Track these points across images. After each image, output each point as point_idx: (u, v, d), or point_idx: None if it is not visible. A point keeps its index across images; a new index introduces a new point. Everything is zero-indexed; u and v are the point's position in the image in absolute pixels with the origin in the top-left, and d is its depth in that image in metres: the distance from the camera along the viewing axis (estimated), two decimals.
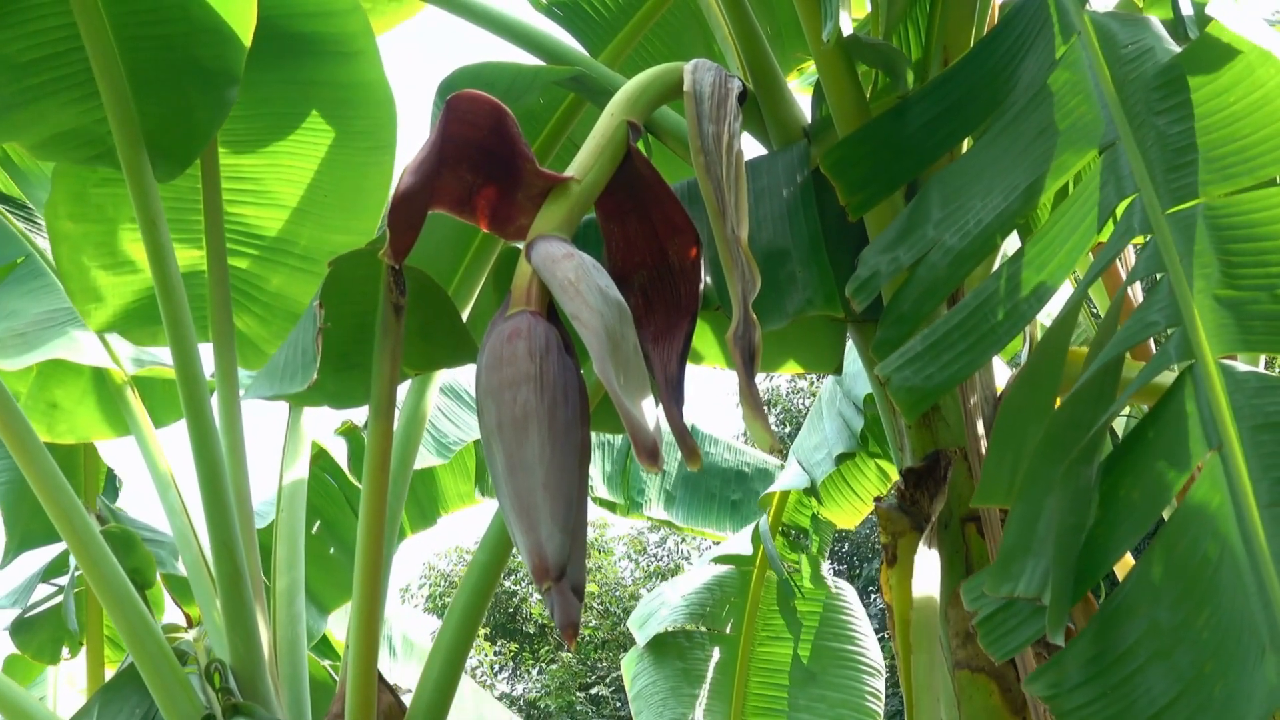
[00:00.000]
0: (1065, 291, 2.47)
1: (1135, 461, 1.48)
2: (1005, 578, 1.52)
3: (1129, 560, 2.44)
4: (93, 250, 3.55)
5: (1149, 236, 1.64)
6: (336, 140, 3.49)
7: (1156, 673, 1.34)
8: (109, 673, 4.76)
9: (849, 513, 4.89)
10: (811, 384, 17.82)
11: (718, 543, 5.55)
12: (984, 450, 2.30)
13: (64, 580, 4.64)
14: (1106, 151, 1.78)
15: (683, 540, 20.19)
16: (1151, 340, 2.19)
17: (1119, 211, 1.71)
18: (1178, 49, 1.88)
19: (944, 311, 2.28)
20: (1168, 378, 1.53)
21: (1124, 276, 3.13)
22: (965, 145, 2.35)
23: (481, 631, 18.38)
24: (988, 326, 1.76)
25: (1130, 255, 2.88)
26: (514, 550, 2.86)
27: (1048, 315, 2.54)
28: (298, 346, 2.25)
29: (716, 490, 5.23)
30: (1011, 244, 2.72)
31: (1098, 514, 1.45)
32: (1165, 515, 1.51)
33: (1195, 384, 1.46)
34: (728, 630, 5.12)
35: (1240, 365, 1.48)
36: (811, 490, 4.55)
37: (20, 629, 4.59)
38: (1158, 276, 1.61)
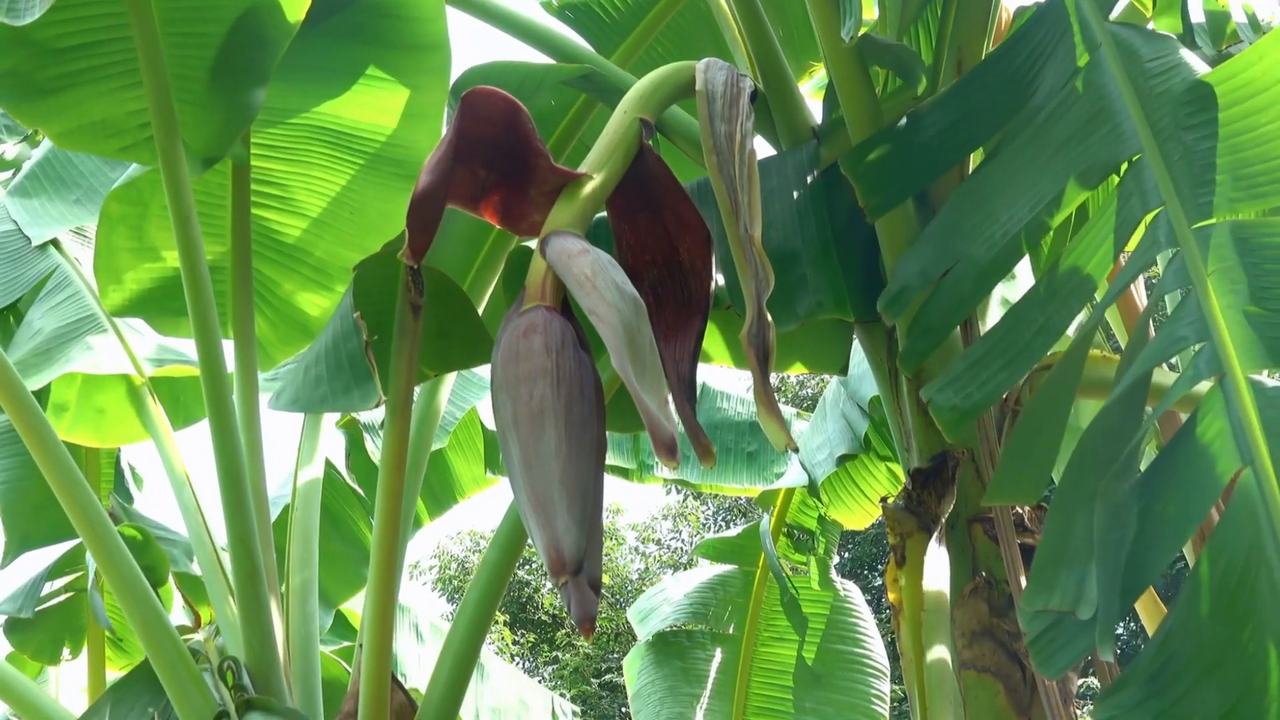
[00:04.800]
0: None
1: (1170, 477, 1.48)
2: (1040, 590, 1.52)
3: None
4: (125, 232, 3.58)
5: (1175, 251, 1.65)
6: (371, 162, 3.51)
7: (1209, 688, 1.35)
8: (110, 673, 4.77)
9: (858, 515, 4.88)
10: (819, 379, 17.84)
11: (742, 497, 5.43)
12: (991, 451, 2.31)
13: (66, 580, 4.65)
14: (1131, 165, 1.79)
15: (696, 533, 20.19)
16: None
17: (1143, 225, 1.72)
18: (1207, 67, 1.88)
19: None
20: (1196, 393, 1.54)
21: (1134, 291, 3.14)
22: (978, 152, 2.37)
23: (502, 619, 18.42)
24: (1023, 343, 1.78)
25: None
26: (528, 541, 2.87)
27: None
28: (340, 359, 2.25)
29: (731, 444, 5.06)
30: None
31: (1135, 529, 1.46)
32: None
33: (1226, 400, 1.47)
34: (729, 630, 5.12)
35: (1269, 381, 1.49)
36: (812, 490, 4.55)
37: (15, 628, 4.59)
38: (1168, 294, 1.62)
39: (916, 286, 2.04)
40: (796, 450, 1.78)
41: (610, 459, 5.04)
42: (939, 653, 2.25)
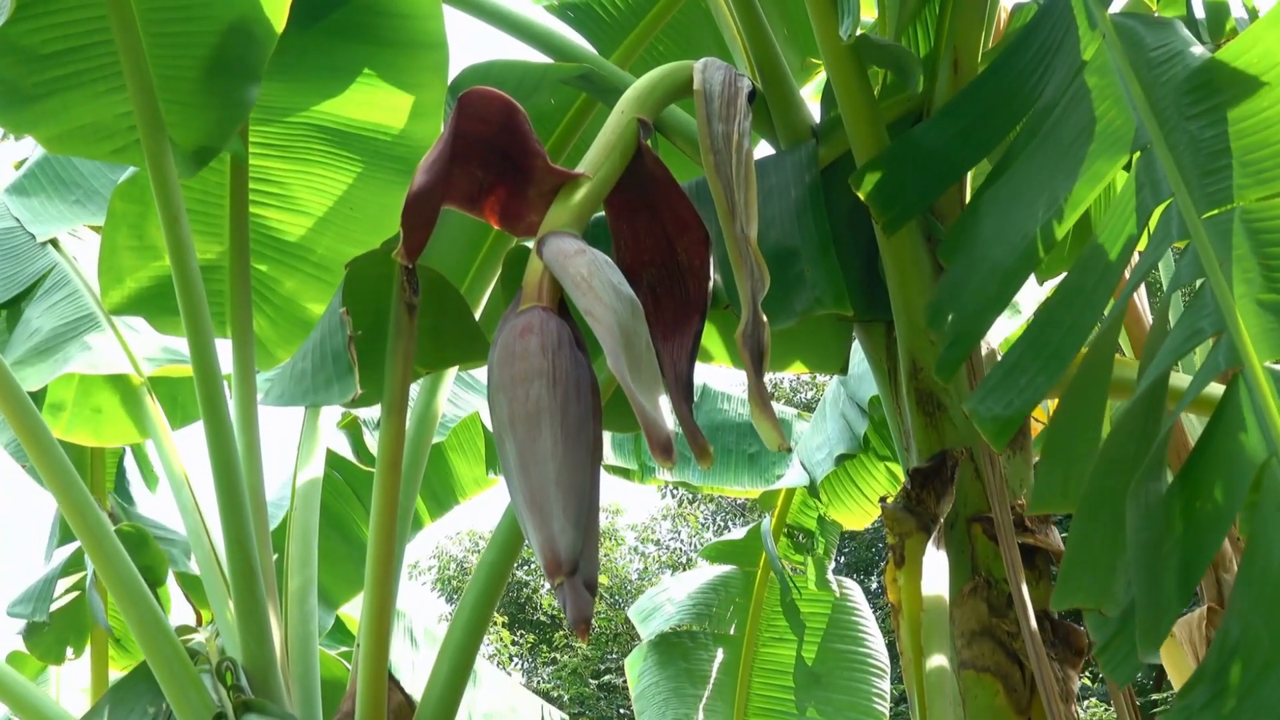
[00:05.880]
0: None
1: (1204, 473, 1.48)
2: (1067, 591, 1.53)
3: None
4: (126, 230, 3.59)
5: (1187, 242, 1.64)
6: (371, 159, 3.51)
7: (1270, 684, 1.34)
8: (113, 673, 4.78)
9: (857, 515, 4.88)
10: (814, 379, 17.85)
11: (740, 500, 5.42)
12: (990, 451, 2.30)
13: (71, 580, 4.66)
14: (1140, 157, 1.78)
15: (695, 534, 20.20)
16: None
17: (1155, 217, 1.71)
18: (1208, 53, 1.87)
19: None
20: (1216, 386, 1.54)
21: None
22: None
23: (500, 619, 18.42)
24: (1055, 345, 1.77)
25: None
26: (526, 542, 2.86)
27: None
28: (324, 353, 2.25)
29: (733, 445, 5.04)
30: None
31: (1181, 528, 1.46)
32: None
33: (1249, 391, 1.47)
34: (731, 631, 5.13)
35: None
36: (812, 490, 4.55)
37: (30, 630, 4.60)
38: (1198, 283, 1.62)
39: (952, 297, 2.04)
40: (790, 450, 1.78)
41: (611, 460, 5.04)
42: (938, 653, 2.25)
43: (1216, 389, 1.54)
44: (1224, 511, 1.45)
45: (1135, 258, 1.89)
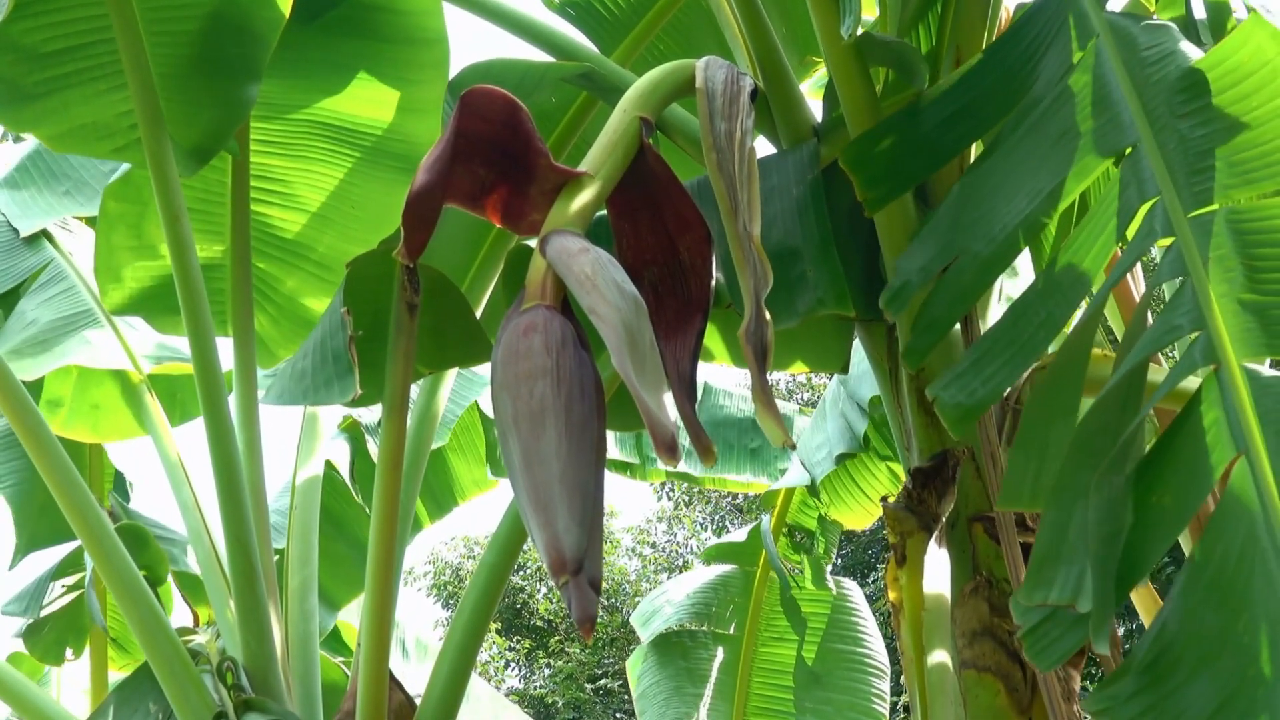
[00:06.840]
0: None
1: (1165, 467, 1.48)
2: (1038, 585, 1.52)
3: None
4: (124, 230, 3.59)
5: (1171, 240, 1.64)
6: (372, 156, 3.51)
7: (1204, 679, 1.34)
8: (112, 674, 4.77)
9: (859, 514, 4.88)
10: (809, 380, 17.84)
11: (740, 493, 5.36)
12: (992, 450, 2.30)
13: (70, 580, 4.65)
14: (1128, 155, 1.79)
15: (691, 535, 20.19)
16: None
17: (1141, 214, 1.72)
18: (1200, 53, 1.88)
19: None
20: (1192, 382, 1.54)
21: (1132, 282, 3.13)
22: (978, 146, 2.36)
23: (493, 625, 18.41)
24: (1025, 337, 1.77)
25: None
26: (525, 544, 2.86)
27: None
28: (325, 353, 2.25)
29: (734, 440, 5.07)
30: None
31: (1132, 519, 1.45)
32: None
33: (1221, 389, 1.47)
34: (731, 630, 5.13)
35: (1264, 369, 1.49)
36: (812, 489, 4.55)
37: (30, 631, 4.60)
38: (1177, 281, 1.62)
39: (918, 283, 2.03)
40: (794, 447, 1.79)
41: (613, 454, 5.04)
42: (939, 652, 2.25)
43: (1191, 384, 1.55)
44: (1181, 509, 1.45)
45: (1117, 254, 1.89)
